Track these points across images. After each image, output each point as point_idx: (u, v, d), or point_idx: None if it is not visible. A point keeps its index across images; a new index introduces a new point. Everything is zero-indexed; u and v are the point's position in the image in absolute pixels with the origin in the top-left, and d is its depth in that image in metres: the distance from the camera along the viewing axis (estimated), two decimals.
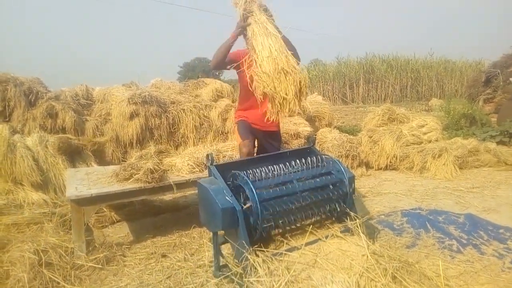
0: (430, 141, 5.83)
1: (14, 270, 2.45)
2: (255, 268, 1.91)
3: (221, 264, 2.39)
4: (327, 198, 2.31)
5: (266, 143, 3.12)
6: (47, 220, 3.33)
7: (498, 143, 5.95)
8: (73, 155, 4.63)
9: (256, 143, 3.12)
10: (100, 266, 2.68)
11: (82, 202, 2.79)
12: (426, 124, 6.15)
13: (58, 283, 2.44)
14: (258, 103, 2.52)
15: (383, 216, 3.53)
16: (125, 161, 3.95)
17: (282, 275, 1.85)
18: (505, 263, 2.53)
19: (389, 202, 4.03)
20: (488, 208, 3.65)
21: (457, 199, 4.00)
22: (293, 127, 5.77)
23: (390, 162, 5.43)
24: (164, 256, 2.87)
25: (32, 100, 5.06)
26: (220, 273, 2.33)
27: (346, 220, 2.33)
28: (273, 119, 2.43)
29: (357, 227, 2.19)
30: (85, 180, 3.18)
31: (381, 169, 5.50)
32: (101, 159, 5.12)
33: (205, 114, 6.03)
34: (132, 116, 5.38)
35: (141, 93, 5.52)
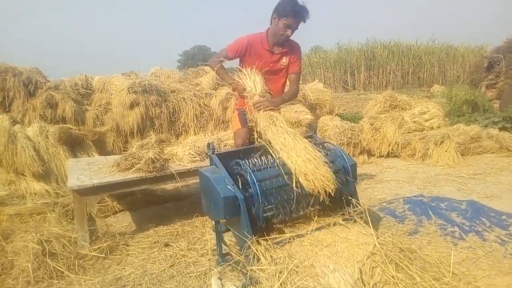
0: (432, 128, 5.80)
1: (18, 260, 2.47)
2: (258, 257, 1.92)
3: (224, 252, 2.39)
4: None
5: None
6: (50, 210, 3.34)
7: (500, 129, 5.92)
8: (74, 145, 4.63)
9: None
10: (103, 256, 2.70)
11: (84, 192, 2.79)
12: (428, 111, 6.11)
13: (62, 272, 2.45)
14: None
15: (385, 204, 3.53)
16: (126, 151, 3.94)
17: (285, 264, 1.85)
18: (507, 249, 2.53)
19: (391, 189, 4.03)
20: (490, 195, 3.65)
21: (459, 185, 4.00)
22: (294, 115, 5.73)
23: (392, 149, 5.42)
24: (167, 245, 2.88)
25: (32, 90, 5.03)
26: (223, 261, 2.34)
27: (348, 208, 2.33)
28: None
29: (360, 215, 2.19)
30: (86, 170, 3.17)
31: (382, 156, 5.49)
32: (102, 149, 5.11)
33: (205, 102, 5.99)
34: (132, 106, 5.35)
35: (141, 82, 5.48)
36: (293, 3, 2.62)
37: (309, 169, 2.03)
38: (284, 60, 2.87)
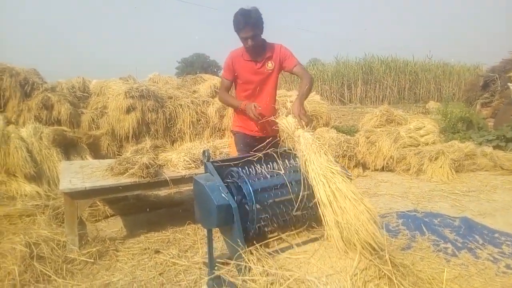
0: (427, 144, 5.82)
1: (4, 262, 2.42)
2: (250, 267, 1.89)
3: (214, 261, 2.36)
4: None
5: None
6: (40, 212, 3.30)
7: (494, 147, 5.95)
8: (68, 147, 4.59)
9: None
10: (92, 261, 2.65)
11: (75, 195, 2.75)
12: (424, 127, 6.14)
13: (50, 276, 2.41)
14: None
15: (379, 217, 3.51)
16: (121, 155, 3.91)
17: (277, 275, 1.83)
18: (499, 267, 2.52)
19: (385, 203, 4.02)
20: (483, 212, 3.65)
21: (453, 202, 4.00)
22: None
23: (387, 163, 5.42)
24: (157, 252, 2.84)
25: (28, 91, 5.01)
26: (214, 270, 2.30)
27: None
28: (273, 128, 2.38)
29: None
30: (79, 173, 3.14)
31: (377, 170, 5.49)
32: (96, 152, 5.08)
33: (202, 110, 5.99)
34: (128, 110, 5.35)
35: (139, 87, 5.48)
36: (237, 17, 2.58)
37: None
38: (270, 65, 2.82)
